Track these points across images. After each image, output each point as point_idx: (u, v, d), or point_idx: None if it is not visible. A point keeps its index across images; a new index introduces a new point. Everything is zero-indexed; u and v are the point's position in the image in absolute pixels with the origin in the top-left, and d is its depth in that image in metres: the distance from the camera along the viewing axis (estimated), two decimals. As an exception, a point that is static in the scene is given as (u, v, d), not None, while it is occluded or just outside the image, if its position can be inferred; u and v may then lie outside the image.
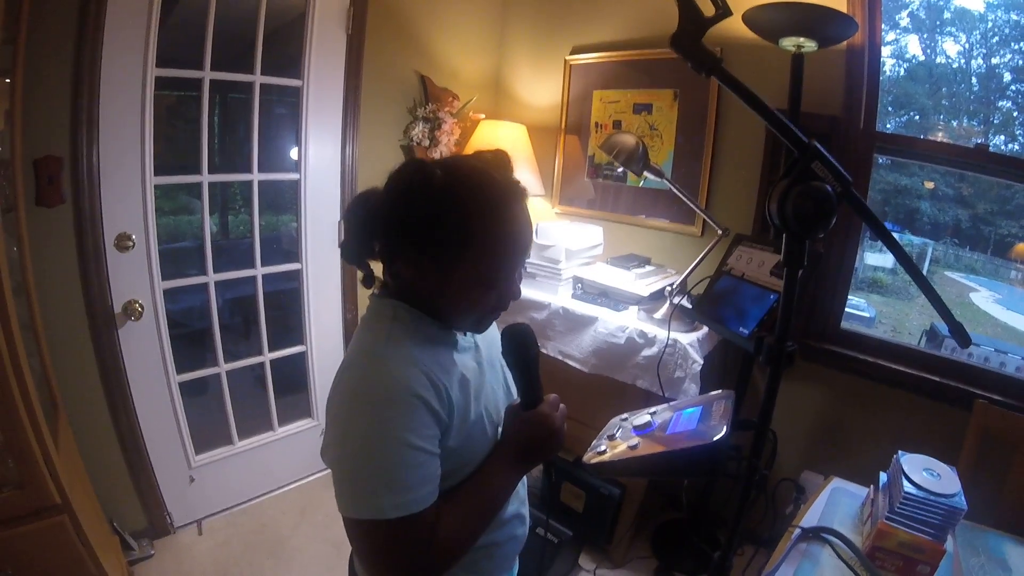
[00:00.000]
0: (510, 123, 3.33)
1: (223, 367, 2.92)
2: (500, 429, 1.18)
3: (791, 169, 0.89)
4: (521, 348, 1.14)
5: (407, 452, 0.95)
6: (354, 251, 1.11)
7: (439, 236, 0.99)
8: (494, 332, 1.30)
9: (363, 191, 1.11)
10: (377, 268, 1.15)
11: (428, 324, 1.09)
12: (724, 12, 0.84)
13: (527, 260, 1.12)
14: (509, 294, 1.10)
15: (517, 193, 1.05)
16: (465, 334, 1.17)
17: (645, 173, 2.58)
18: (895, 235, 0.97)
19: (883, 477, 1.58)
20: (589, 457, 1.25)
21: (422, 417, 0.97)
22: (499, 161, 1.09)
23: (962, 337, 1.02)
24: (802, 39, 1.98)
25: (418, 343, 1.05)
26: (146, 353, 2.60)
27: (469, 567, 1.16)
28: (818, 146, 0.87)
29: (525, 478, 1.26)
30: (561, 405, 1.19)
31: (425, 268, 1.03)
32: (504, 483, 1.13)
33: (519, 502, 1.27)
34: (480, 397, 1.13)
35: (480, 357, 1.19)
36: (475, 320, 1.12)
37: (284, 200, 3.27)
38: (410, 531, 0.96)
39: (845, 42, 2.36)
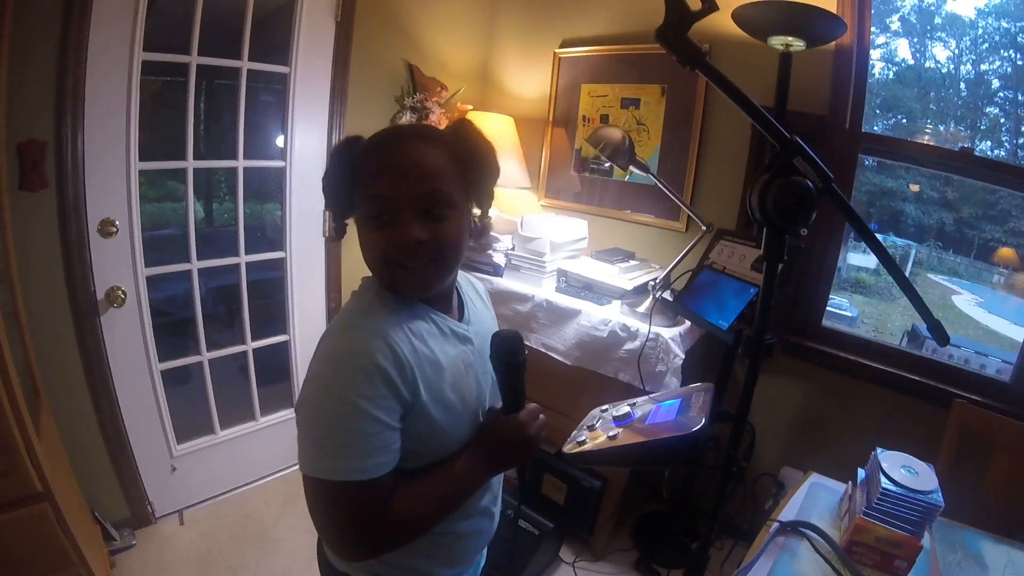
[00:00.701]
0: (497, 115, 3.33)
1: (206, 356, 2.90)
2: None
3: (773, 163, 0.89)
4: (507, 354, 1.14)
5: (361, 419, 0.96)
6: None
7: (337, 182, 1.09)
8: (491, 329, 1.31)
9: None
10: None
11: (409, 304, 1.11)
12: (710, 7, 0.84)
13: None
14: (391, 235, 1.03)
15: (395, 132, 1.11)
16: (462, 318, 1.20)
17: (631, 168, 2.59)
18: (873, 231, 0.98)
19: (861, 473, 1.60)
20: (569, 447, 1.25)
21: (380, 388, 0.98)
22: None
23: (940, 335, 1.03)
24: (790, 38, 1.98)
25: (395, 316, 1.06)
26: (129, 341, 2.58)
27: (427, 553, 1.17)
28: (799, 141, 0.87)
29: (502, 475, 1.27)
30: (541, 416, 1.20)
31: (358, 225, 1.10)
32: (470, 478, 1.13)
33: (491, 497, 1.28)
34: (460, 388, 1.12)
35: (473, 350, 1.19)
36: (388, 272, 1.08)
37: (269, 188, 3.25)
38: (358, 497, 0.98)
39: (834, 42, 2.38)
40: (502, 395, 1.18)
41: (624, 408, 1.28)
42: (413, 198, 1.03)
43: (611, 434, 1.20)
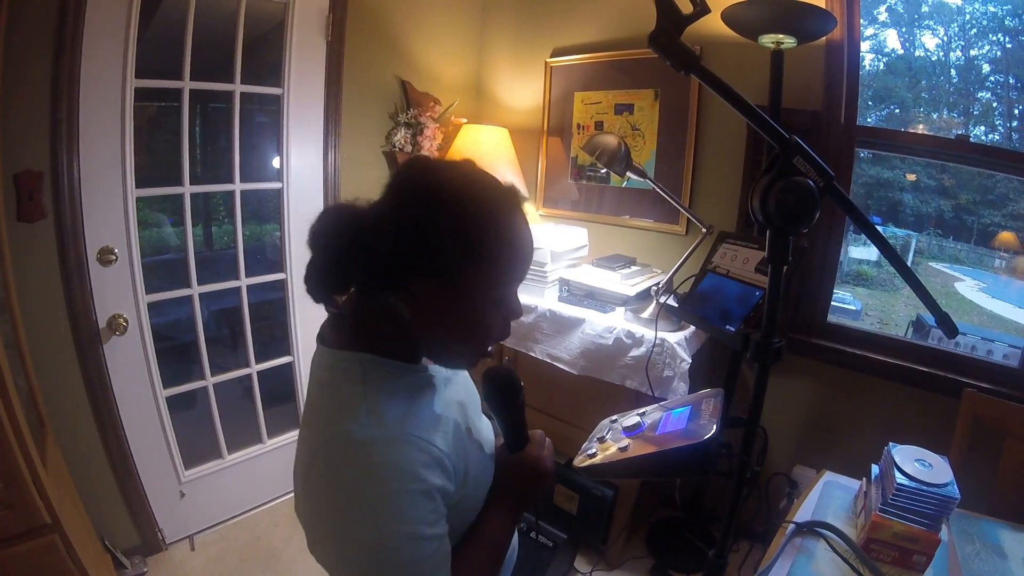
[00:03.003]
0: (492, 127, 3.33)
1: (210, 380, 2.89)
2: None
3: (773, 165, 0.89)
4: (507, 392, 1.10)
5: (418, 546, 0.85)
6: (325, 285, 0.98)
7: (450, 257, 0.88)
8: None
9: (335, 209, 0.99)
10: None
11: (404, 372, 0.98)
12: (702, 10, 0.84)
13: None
14: (514, 312, 1.00)
15: (518, 199, 0.96)
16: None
17: (628, 173, 2.59)
18: (878, 228, 0.97)
19: (875, 469, 1.58)
20: (580, 461, 1.24)
21: (429, 503, 0.87)
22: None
23: (949, 327, 1.02)
24: (781, 36, 1.98)
25: (400, 404, 0.92)
26: (132, 368, 2.57)
27: None
28: (799, 141, 0.87)
29: None
30: (547, 440, 1.16)
31: (430, 296, 0.91)
32: (504, 533, 1.08)
33: None
34: (474, 430, 1.08)
35: (458, 384, 1.13)
36: (475, 352, 1.01)
37: (267, 209, 3.25)
38: None
39: (824, 38, 2.37)
40: (505, 434, 1.14)
41: (634, 418, 1.27)
42: None
43: (622, 445, 1.18)
